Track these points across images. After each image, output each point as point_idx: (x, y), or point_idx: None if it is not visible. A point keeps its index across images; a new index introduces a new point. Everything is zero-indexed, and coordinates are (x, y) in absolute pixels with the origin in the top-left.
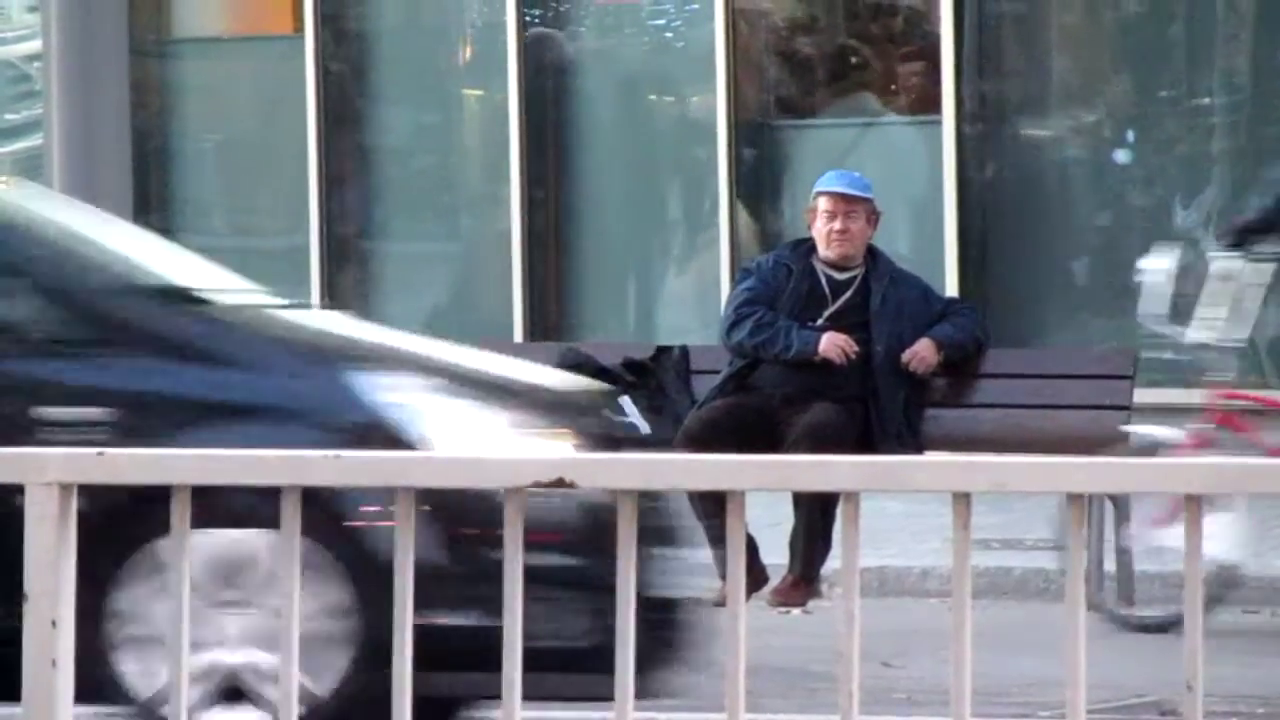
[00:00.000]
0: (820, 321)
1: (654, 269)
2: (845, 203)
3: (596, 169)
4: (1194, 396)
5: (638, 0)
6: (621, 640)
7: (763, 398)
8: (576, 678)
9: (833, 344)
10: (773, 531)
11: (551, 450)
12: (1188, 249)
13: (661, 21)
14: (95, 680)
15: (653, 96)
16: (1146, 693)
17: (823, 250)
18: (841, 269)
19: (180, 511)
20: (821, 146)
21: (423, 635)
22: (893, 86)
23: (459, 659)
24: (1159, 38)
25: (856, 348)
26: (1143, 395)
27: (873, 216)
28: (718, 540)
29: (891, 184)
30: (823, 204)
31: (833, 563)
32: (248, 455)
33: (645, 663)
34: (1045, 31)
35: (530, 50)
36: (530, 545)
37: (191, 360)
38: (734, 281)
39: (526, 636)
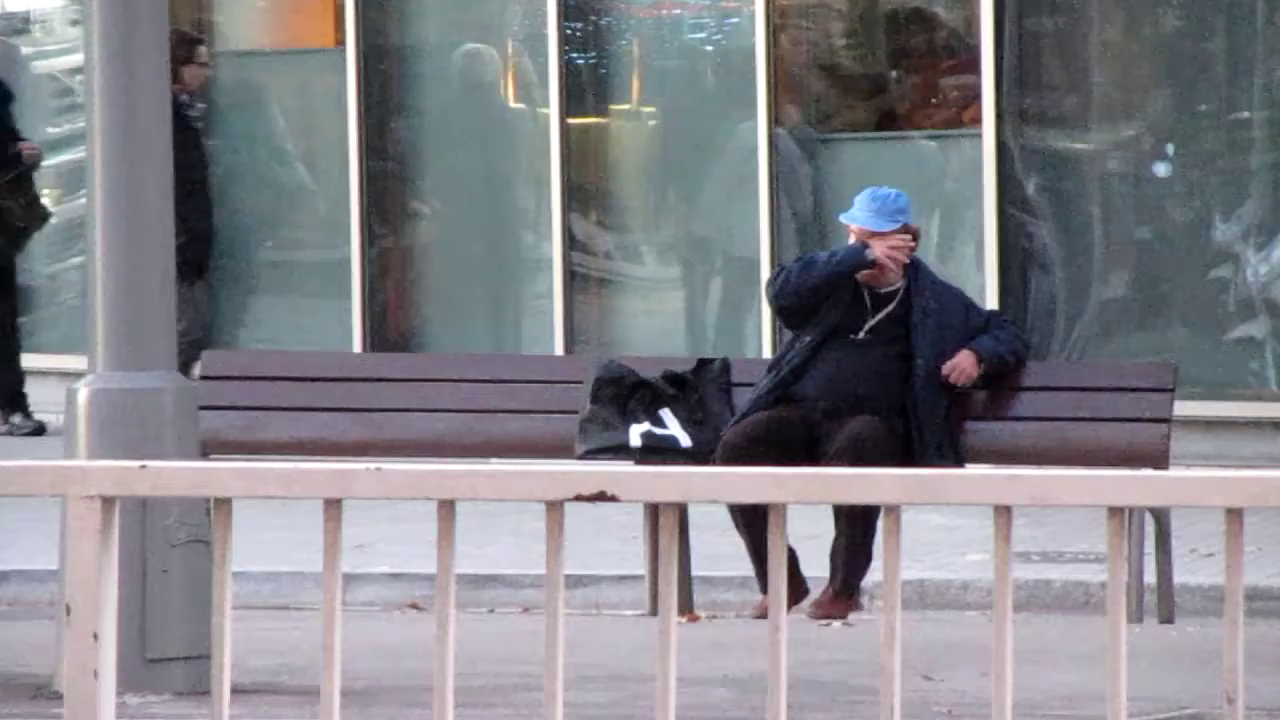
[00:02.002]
0: (861, 334)
1: (695, 280)
2: (873, 235)
3: (637, 180)
4: (1233, 409)
5: (678, 13)
6: (662, 659)
7: (803, 410)
8: None
9: (884, 246)
10: (813, 544)
11: (593, 463)
12: None
13: (702, 34)
14: None
15: (693, 109)
16: (1188, 705)
17: (858, 276)
18: (882, 283)
19: (222, 523)
20: (861, 160)
21: None
22: (933, 100)
23: None
24: (1199, 51)
25: (913, 245)
26: (1182, 408)
27: (908, 234)
28: (758, 553)
29: (931, 197)
30: (853, 235)
31: (873, 575)
32: (289, 469)
33: None
34: (1085, 45)
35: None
36: None
37: None
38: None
39: None
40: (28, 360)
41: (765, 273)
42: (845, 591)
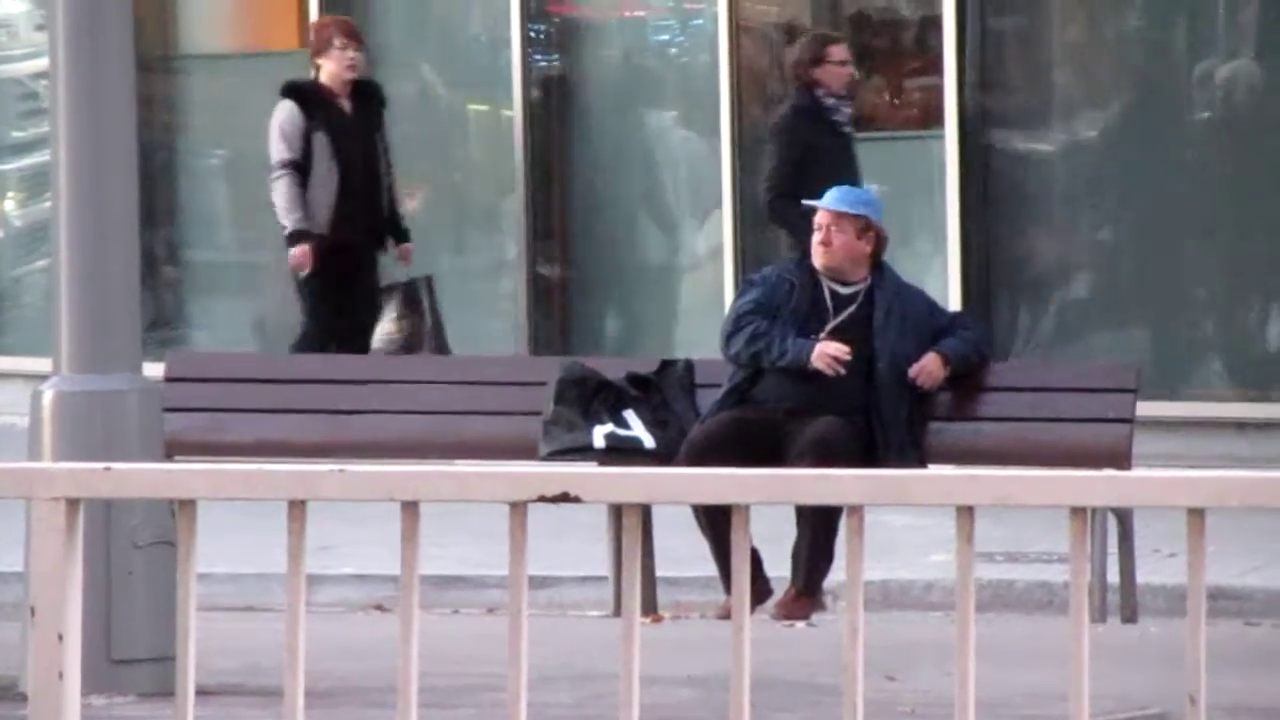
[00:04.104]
0: (823, 335)
1: (659, 284)
2: (831, 216)
3: (601, 183)
4: (1195, 410)
5: (642, 15)
6: (626, 659)
7: (766, 411)
8: None
9: (824, 354)
10: (776, 545)
11: (556, 465)
12: None
13: (665, 37)
14: None
15: (656, 111)
16: (1150, 705)
17: (814, 261)
18: (845, 283)
19: (186, 525)
20: None
21: None
22: (896, 101)
23: None
24: (1160, 52)
25: (849, 357)
26: (1145, 408)
27: (866, 233)
28: (722, 554)
29: (895, 197)
30: (816, 216)
31: (836, 576)
32: (254, 470)
33: None
34: (1048, 45)
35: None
36: None
37: None
38: (738, 294)
39: None
40: None
41: (729, 275)
42: (808, 591)
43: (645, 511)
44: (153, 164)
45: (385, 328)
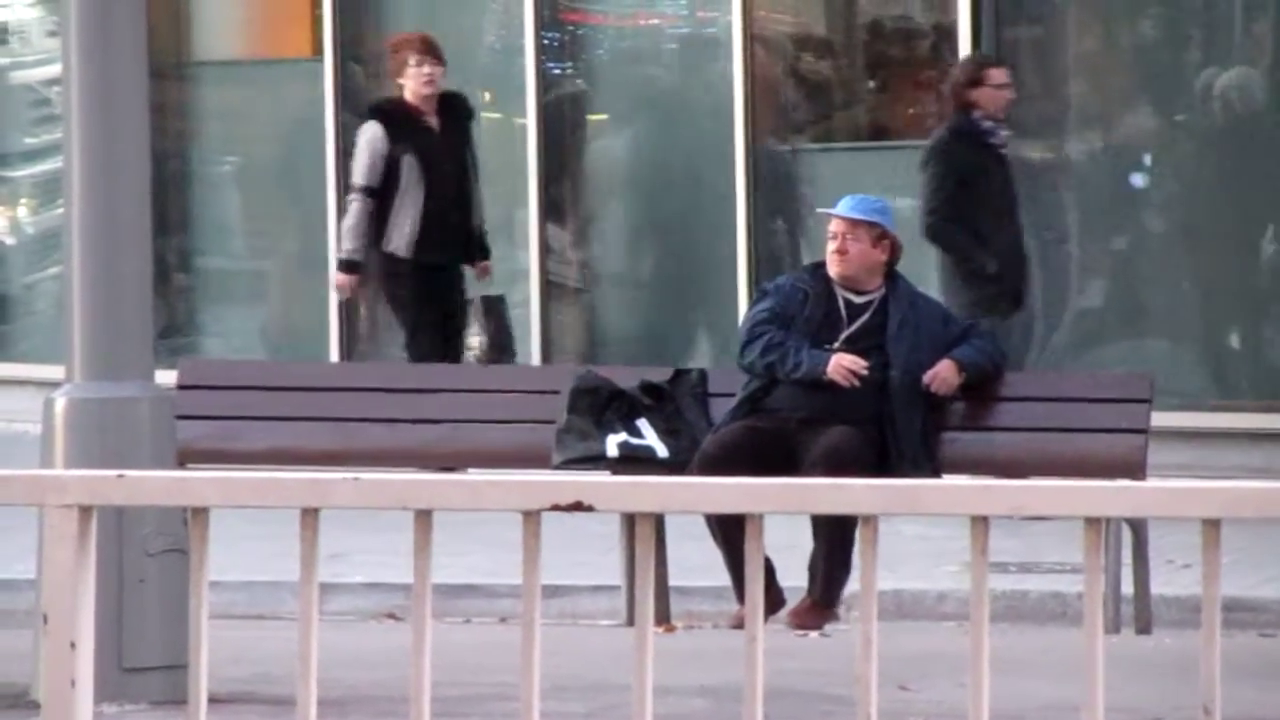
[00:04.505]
0: (836, 344)
1: (673, 292)
2: (846, 224)
3: (614, 192)
4: (1210, 420)
5: (656, 23)
6: (638, 668)
7: (779, 420)
8: None
9: (839, 366)
10: (790, 554)
11: (569, 473)
12: None
13: (679, 45)
14: None
15: (670, 120)
16: (1164, 716)
17: (829, 270)
18: (859, 292)
19: (199, 533)
20: (839, 170)
21: None
22: (911, 110)
23: None
24: (1175, 61)
25: (865, 369)
26: (1160, 419)
27: (881, 241)
28: (735, 563)
29: (910, 207)
30: (829, 225)
31: (849, 586)
32: (266, 478)
33: None
34: (1062, 56)
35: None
36: None
37: None
38: (752, 303)
39: None
40: (6, 370)
41: (744, 283)
42: (825, 603)
43: (658, 521)
44: (165, 171)
45: (471, 341)
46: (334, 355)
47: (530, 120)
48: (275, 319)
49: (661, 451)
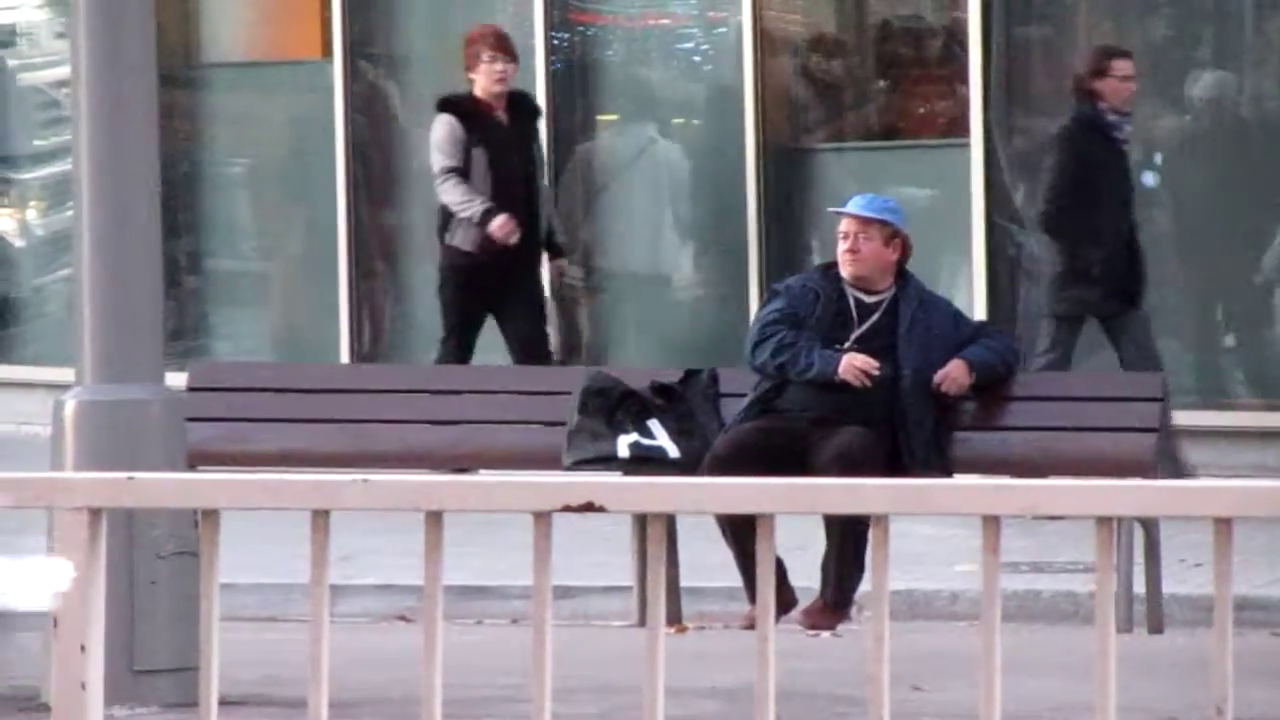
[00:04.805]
0: (847, 344)
1: (683, 293)
2: (858, 223)
3: (625, 192)
4: (1221, 419)
5: (666, 23)
6: (650, 669)
7: (790, 420)
8: None
9: (851, 366)
10: (801, 554)
11: (581, 474)
12: None
13: (689, 45)
14: None
15: (681, 120)
16: (1177, 716)
17: (841, 270)
18: (869, 292)
19: (209, 535)
20: (850, 170)
21: None
22: (921, 110)
23: None
24: (1187, 61)
25: (877, 369)
26: (1173, 418)
27: (893, 240)
28: (746, 564)
29: (920, 207)
30: (840, 225)
31: (862, 586)
32: (277, 480)
33: None
34: (1073, 55)
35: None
36: None
37: None
38: (762, 304)
39: None
40: (16, 372)
41: (754, 284)
42: (836, 603)
43: (670, 521)
44: (175, 173)
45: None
46: (344, 357)
47: (541, 120)
48: (286, 321)
49: (673, 452)
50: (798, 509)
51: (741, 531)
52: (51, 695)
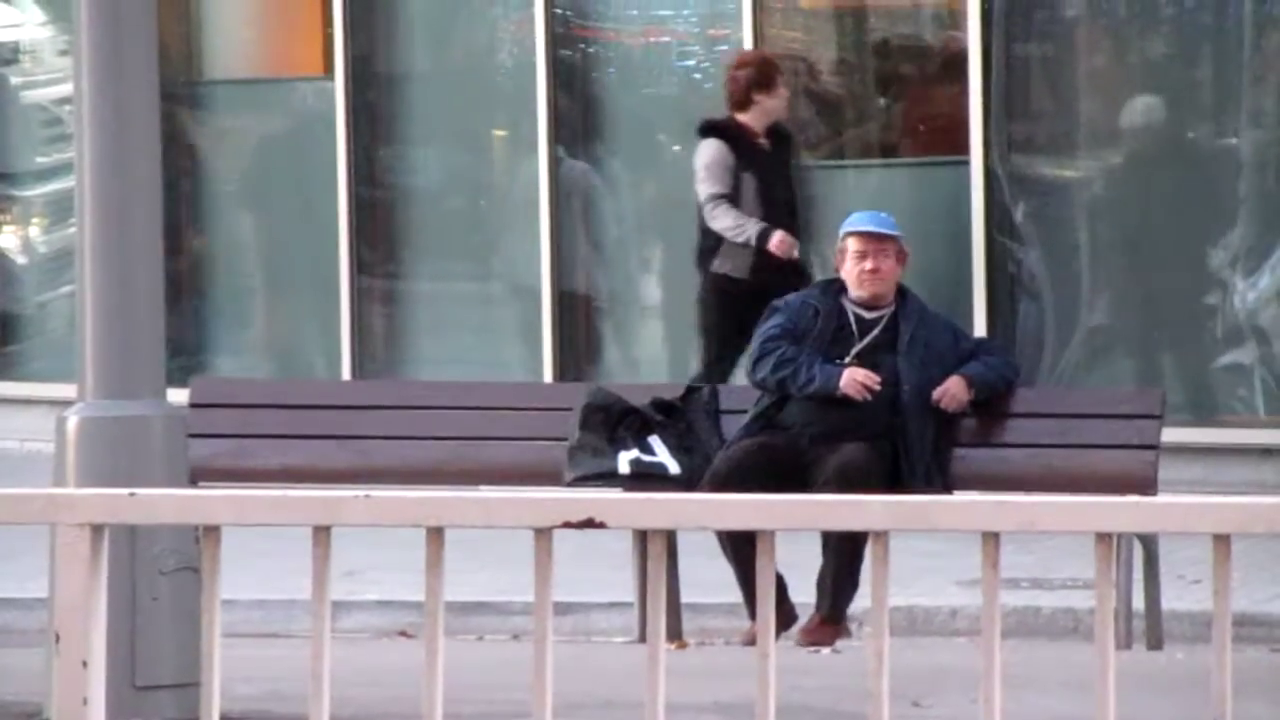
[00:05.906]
0: (847, 360)
1: (685, 309)
2: (875, 241)
3: (627, 208)
4: (1220, 436)
5: (666, 40)
6: (651, 685)
7: (791, 437)
8: None
9: (853, 380)
10: (801, 571)
11: (581, 491)
12: None
13: (691, 62)
14: None
15: (682, 137)
16: None
17: (854, 291)
18: (870, 308)
19: (210, 551)
20: (849, 187)
21: None
22: (921, 127)
23: None
24: (1186, 79)
25: (879, 384)
26: (1170, 434)
27: (901, 255)
28: (747, 580)
29: (919, 224)
30: (852, 244)
31: (861, 602)
32: (278, 496)
33: None
34: (1073, 72)
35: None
36: None
37: None
38: (762, 320)
39: None
40: (18, 389)
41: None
42: (833, 618)
43: (670, 537)
44: (177, 190)
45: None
46: (346, 373)
47: (541, 137)
48: (287, 337)
49: (673, 468)
50: (798, 525)
51: (742, 547)
52: (53, 711)
